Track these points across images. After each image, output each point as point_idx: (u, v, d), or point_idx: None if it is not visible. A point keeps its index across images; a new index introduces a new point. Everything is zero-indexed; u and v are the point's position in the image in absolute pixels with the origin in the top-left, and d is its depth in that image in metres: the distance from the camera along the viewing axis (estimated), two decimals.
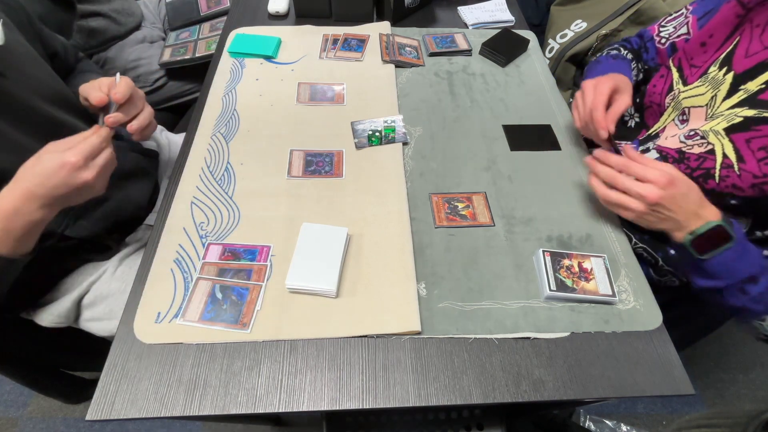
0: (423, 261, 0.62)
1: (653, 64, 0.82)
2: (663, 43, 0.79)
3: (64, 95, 0.68)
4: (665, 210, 0.55)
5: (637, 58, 0.84)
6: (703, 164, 0.61)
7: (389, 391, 0.51)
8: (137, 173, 0.79)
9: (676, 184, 0.54)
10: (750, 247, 0.55)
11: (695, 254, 0.55)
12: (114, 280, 0.72)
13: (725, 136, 0.59)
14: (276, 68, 0.90)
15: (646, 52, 0.83)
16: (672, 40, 0.77)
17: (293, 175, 0.71)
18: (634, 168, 0.57)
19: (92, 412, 0.48)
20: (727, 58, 0.63)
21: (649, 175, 0.55)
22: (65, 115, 0.67)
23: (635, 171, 0.56)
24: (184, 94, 1.22)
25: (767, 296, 0.55)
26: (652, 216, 0.57)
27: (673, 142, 0.66)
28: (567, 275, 0.59)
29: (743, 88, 0.60)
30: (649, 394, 0.53)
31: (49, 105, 0.64)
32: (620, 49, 0.84)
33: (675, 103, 0.70)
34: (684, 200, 0.54)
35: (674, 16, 0.79)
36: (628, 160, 0.58)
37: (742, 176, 0.57)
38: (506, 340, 0.56)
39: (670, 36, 0.78)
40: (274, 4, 1.03)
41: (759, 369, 1.31)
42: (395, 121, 0.79)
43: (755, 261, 0.54)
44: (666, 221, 0.56)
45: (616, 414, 1.21)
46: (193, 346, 0.54)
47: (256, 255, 0.61)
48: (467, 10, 1.08)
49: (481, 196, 0.70)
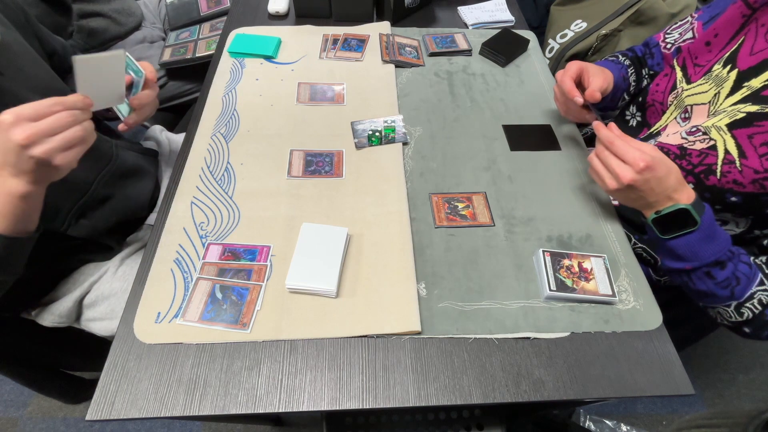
0: (423, 261, 0.62)
1: (659, 69, 0.83)
2: (669, 48, 0.80)
3: (61, 92, 0.68)
4: (637, 191, 0.57)
5: (641, 64, 0.84)
6: (705, 160, 0.61)
7: (389, 391, 0.51)
8: (138, 173, 0.79)
9: (654, 168, 0.55)
10: (719, 233, 0.56)
11: (657, 233, 0.58)
12: (116, 279, 0.72)
13: (727, 132, 0.59)
14: (276, 68, 0.90)
15: (651, 58, 0.84)
16: (678, 44, 0.78)
17: (293, 175, 0.71)
18: (616, 146, 0.58)
19: (92, 412, 0.48)
20: (732, 56, 0.63)
21: (629, 157, 0.56)
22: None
23: (616, 149, 0.58)
24: (184, 94, 1.22)
25: (733, 281, 0.56)
26: (623, 194, 0.59)
27: (675, 138, 0.66)
28: (567, 275, 0.59)
29: (747, 84, 0.60)
30: (649, 394, 0.53)
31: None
32: (618, 56, 0.85)
33: (677, 102, 0.70)
34: (658, 184, 0.55)
35: (680, 24, 0.80)
36: (614, 137, 0.58)
37: (744, 172, 0.57)
38: (506, 340, 0.56)
39: (676, 41, 0.79)
40: (274, 4, 1.03)
41: (759, 369, 1.31)
42: (395, 121, 0.79)
43: (723, 246, 0.56)
44: (637, 201, 0.59)
45: (616, 414, 1.21)
46: (193, 346, 0.54)
47: (256, 255, 0.61)
48: (467, 10, 1.08)
49: (481, 196, 0.70)
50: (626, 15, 1.10)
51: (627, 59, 0.84)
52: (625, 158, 0.56)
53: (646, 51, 0.85)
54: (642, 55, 0.85)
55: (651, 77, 0.84)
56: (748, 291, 0.56)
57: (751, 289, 0.56)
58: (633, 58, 0.84)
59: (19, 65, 0.61)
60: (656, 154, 0.56)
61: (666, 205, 0.56)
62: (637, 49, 0.86)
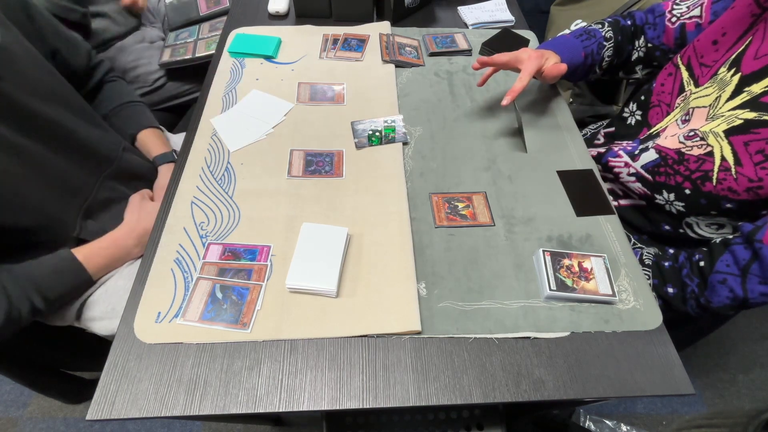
0: (423, 261, 0.62)
1: (658, 42, 0.79)
2: (673, 22, 0.76)
3: (63, 94, 0.68)
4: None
5: (633, 35, 0.81)
6: (702, 166, 0.61)
7: (389, 391, 0.52)
8: (142, 177, 0.80)
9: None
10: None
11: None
12: (121, 278, 0.72)
13: (724, 138, 0.59)
14: (276, 68, 0.90)
15: (652, 29, 0.79)
16: (683, 20, 0.74)
17: (293, 174, 0.71)
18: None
19: (92, 412, 0.48)
20: (737, 60, 0.62)
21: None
22: (64, 112, 0.67)
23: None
24: (184, 94, 1.22)
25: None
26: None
27: (673, 142, 0.66)
28: (567, 275, 0.59)
29: (747, 90, 0.60)
30: (649, 394, 0.53)
31: (47, 105, 0.64)
32: (603, 25, 0.81)
33: (684, 104, 0.69)
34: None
35: None
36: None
37: (739, 180, 0.57)
38: (506, 339, 0.56)
39: (682, 15, 0.75)
40: (274, 4, 1.03)
41: (759, 369, 1.31)
42: (395, 121, 0.80)
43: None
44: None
45: (616, 414, 1.21)
46: (194, 345, 0.54)
47: (256, 255, 0.61)
48: (467, 10, 1.08)
49: (481, 195, 0.70)
50: None
51: (611, 30, 0.80)
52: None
53: (647, 20, 0.80)
54: (642, 24, 0.80)
55: (648, 51, 0.81)
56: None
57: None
58: (623, 28, 0.80)
59: (20, 68, 0.61)
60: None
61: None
62: (637, 17, 0.81)
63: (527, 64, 0.72)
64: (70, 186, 0.67)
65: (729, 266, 0.56)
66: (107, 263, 0.69)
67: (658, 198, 0.69)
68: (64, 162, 0.66)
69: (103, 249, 0.68)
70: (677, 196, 0.65)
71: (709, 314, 0.62)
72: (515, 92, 0.71)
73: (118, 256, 0.70)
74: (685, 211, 0.66)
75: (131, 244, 0.71)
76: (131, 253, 0.72)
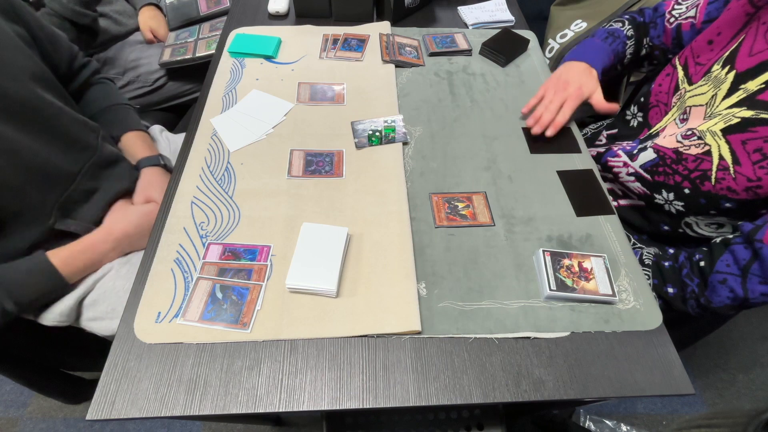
0: (423, 261, 0.62)
1: (658, 42, 0.81)
2: (671, 22, 0.78)
3: (41, 73, 0.67)
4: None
5: (644, 32, 0.83)
6: (700, 166, 0.61)
7: (389, 391, 0.52)
8: (118, 161, 0.79)
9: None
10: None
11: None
12: (119, 278, 0.72)
13: (722, 137, 0.59)
14: (276, 68, 0.90)
15: (654, 28, 0.81)
16: (679, 21, 0.76)
17: (293, 174, 0.71)
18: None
19: (92, 412, 0.48)
20: (731, 57, 0.63)
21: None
22: (43, 93, 0.65)
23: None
24: (184, 94, 1.22)
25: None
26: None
27: (671, 141, 0.66)
28: (567, 275, 0.59)
29: (743, 87, 0.60)
30: (649, 394, 0.53)
31: (26, 88, 0.62)
32: (624, 22, 0.83)
33: (680, 103, 0.69)
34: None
35: None
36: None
37: (737, 179, 0.57)
38: (506, 339, 0.56)
39: (680, 16, 0.76)
40: (274, 4, 1.03)
41: (759, 369, 1.31)
42: (395, 121, 0.80)
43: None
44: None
45: (616, 414, 1.21)
46: (194, 345, 0.54)
47: (257, 255, 0.61)
48: (467, 10, 1.08)
49: (481, 195, 0.70)
50: None
51: (631, 28, 0.82)
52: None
53: (652, 18, 0.82)
54: (648, 22, 0.82)
55: (650, 49, 0.83)
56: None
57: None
58: (640, 25, 0.83)
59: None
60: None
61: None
62: (646, 13, 0.83)
63: (570, 103, 0.77)
64: (50, 175, 0.65)
65: (729, 266, 0.56)
66: (83, 267, 0.68)
67: (657, 198, 0.69)
68: (44, 148, 0.64)
69: (79, 253, 0.67)
70: (676, 195, 0.65)
71: (709, 314, 0.62)
72: (557, 126, 0.76)
73: (94, 260, 0.69)
74: (685, 211, 0.66)
75: (108, 248, 0.69)
76: (107, 257, 0.70)
